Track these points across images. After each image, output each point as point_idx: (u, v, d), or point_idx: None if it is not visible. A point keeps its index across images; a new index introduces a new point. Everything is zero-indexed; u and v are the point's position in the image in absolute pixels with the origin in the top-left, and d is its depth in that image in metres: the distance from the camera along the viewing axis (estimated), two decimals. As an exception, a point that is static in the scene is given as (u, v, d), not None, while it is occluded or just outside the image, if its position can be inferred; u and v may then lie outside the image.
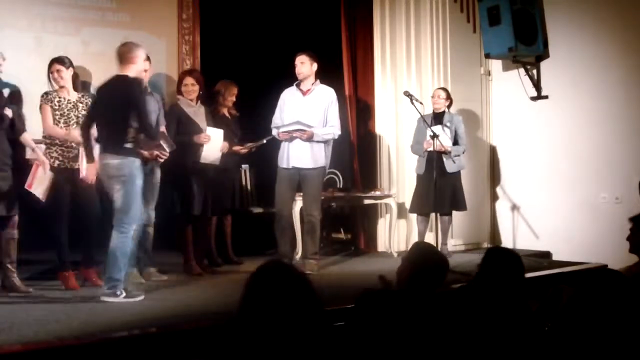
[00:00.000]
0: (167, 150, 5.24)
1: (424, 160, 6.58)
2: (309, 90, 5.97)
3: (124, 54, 4.84)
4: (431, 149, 6.37)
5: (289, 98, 6.03)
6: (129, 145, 4.73)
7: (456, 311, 2.94)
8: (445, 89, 6.80)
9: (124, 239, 4.66)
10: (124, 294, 4.60)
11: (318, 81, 6.01)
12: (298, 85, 6.01)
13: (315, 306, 1.99)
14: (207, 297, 4.88)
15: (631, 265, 4.41)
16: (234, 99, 6.31)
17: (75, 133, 5.07)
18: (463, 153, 6.57)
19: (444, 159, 6.40)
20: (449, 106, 6.72)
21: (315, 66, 5.95)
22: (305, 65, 5.93)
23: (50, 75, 5.18)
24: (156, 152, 5.17)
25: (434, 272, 2.99)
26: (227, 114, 6.29)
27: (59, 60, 5.20)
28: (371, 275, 5.66)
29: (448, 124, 6.52)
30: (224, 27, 7.26)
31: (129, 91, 4.74)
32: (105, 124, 4.77)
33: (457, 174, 6.59)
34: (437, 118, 6.55)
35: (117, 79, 4.80)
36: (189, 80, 5.90)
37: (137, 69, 4.87)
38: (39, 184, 4.95)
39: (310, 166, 5.88)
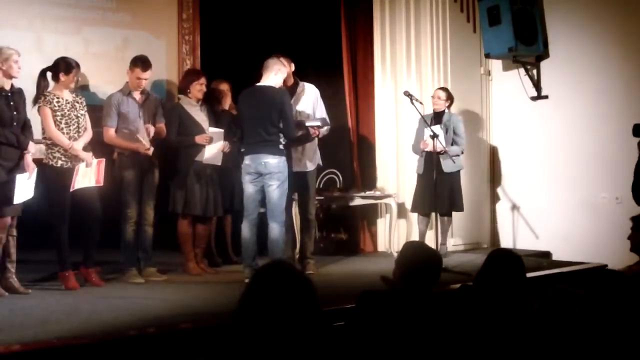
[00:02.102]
0: (147, 145, 5.39)
1: (423, 160, 6.60)
2: (294, 94, 5.85)
3: (269, 67, 5.48)
4: (429, 149, 6.38)
5: None
6: (281, 147, 5.43)
7: (457, 311, 2.93)
8: (445, 89, 6.78)
9: (283, 229, 5.38)
10: None
11: (297, 80, 5.93)
12: None
13: (315, 307, 1.99)
14: (207, 297, 4.88)
15: (632, 264, 4.42)
16: (229, 94, 6.29)
17: (78, 145, 5.08)
18: (462, 153, 6.55)
19: (442, 159, 6.40)
20: (449, 106, 6.71)
21: (292, 66, 5.88)
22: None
23: (73, 79, 5.15)
24: (136, 145, 5.38)
25: (427, 270, 2.99)
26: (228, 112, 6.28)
27: (79, 66, 5.19)
28: (371, 275, 5.69)
29: (447, 124, 6.51)
30: (224, 27, 7.26)
31: (283, 100, 5.44)
32: (261, 127, 5.40)
33: (455, 175, 6.57)
34: (437, 118, 6.55)
35: (266, 89, 5.44)
36: (203, 79, 5.90)
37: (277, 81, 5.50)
38: (83, 179, 5.03)
39: (311, 169, 5.92)
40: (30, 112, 5.13)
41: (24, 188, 4.75)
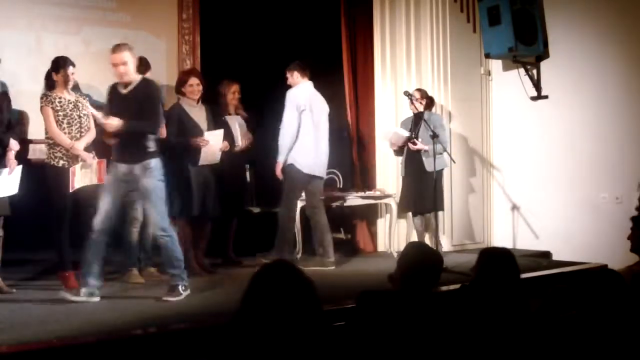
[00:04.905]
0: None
1: (404, 161, 6.63)
2: None
3: None
4: (415, 147, 6.39)
5: None
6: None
7: (455, 311, 2.94)
8: (420, 89, 6.73)
9: None
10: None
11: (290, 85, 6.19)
12: None
13: (316, 307, 2.00)
14: (207, 297, 4.89)
15: (632, 265, 4.41)
16: (236, 95, 6.30)
17: (79, 146, 5.08)
18: (444, 152, 6.35)
19: (423, 159, 6.37)
20: (428, 105, 6.64)
21: (296, 75, 6.15)
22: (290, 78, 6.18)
23: (64, 77, 5.12)
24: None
25: (428, 270, 3.00)
26: (235, 115, 6.29)
27: (73, 63, 5.17)
28: (371, 275, 5.70)
29: (426, 124, 6.41)
30: (224, 27, 7.26)
31: None
32: None
33: (437, 174, 6.40)
34: (417, 119, 6.52)
35: None
36: (195, 80, 5.89)
37: None
38: (82, 179, 5.02)
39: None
40: (32, 112, 5.15)
41: (5, 183, 4.77)
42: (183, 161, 5.74)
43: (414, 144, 6.43)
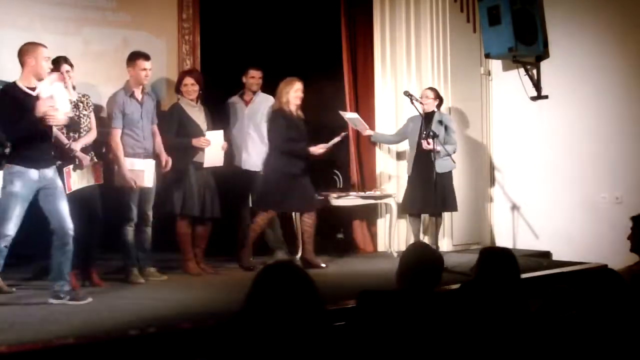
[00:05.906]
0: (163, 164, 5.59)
1: (412, 160, 6.60)
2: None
3: None
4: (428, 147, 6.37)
5: None
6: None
7: (455, 311, 2.94)
8: (433, 89, 6.74)
9: None
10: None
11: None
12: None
13: (318, 307, 2.00)
14: (207, 297, 4.89)
15: (632, 264, 4.42)
16: (295, 94, 6.03)
17: (76, 147, 5.07)
18: (454, 152, 6.39)
19: (432, 159, 6.34)
20: (438, 105, 6.67)
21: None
22: None
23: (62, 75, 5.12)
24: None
25: (430, 271, 3.00)
26: (293, 114, 6.08)
27: (67, 60, 5.17)
28: (371, 275, 5.70)
29: (438, 124, 6.42)
30: (224, 27, 7.25)
31: None
32: None
33: (447, 174, 6.43)
34: (428, 118, 6.51)
35: None
36: (189, 80, 5.90)
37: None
38: (79, 180, 5.02)
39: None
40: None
41: None
42: (183, 161, 5.75)
43: (428, 143, 6.40)
